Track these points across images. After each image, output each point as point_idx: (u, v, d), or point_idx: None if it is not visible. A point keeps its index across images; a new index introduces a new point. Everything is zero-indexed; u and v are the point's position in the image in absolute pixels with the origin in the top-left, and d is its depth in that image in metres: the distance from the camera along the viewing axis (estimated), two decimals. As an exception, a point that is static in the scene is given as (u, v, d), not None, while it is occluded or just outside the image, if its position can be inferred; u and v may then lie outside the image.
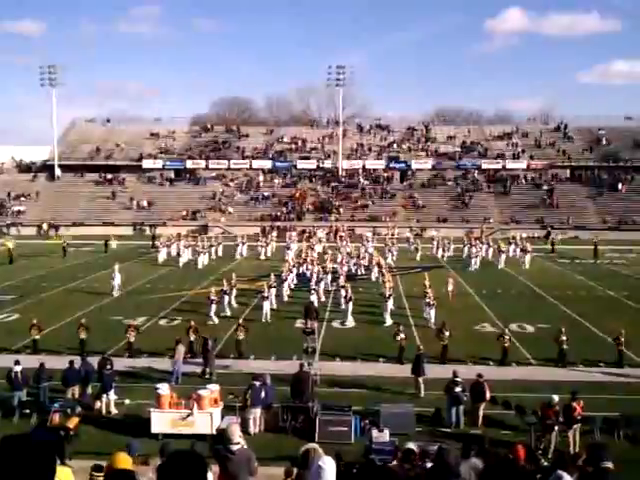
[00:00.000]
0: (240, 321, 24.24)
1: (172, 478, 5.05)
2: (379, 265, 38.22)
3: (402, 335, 22.49)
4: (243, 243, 50.00)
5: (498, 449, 13.75)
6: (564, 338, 22.01)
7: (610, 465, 6.33)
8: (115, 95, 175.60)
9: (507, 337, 22.49)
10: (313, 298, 30.33)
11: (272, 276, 32.87)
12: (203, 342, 21.35)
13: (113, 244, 53.12)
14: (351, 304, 28.73)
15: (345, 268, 37.02)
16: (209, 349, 21.08)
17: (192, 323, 23.90)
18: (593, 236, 53.61)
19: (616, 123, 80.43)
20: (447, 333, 22.58)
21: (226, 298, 29.88)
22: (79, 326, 23.80)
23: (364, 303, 31.31)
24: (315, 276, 34.06)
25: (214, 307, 28.32)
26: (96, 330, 24.48)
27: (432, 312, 27.37)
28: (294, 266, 37.90)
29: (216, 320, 28.03)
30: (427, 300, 28.13)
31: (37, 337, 23.68)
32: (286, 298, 32.64)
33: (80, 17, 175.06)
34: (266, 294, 29.33)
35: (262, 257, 48.32)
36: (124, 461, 6.36)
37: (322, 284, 33.81)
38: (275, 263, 42.23)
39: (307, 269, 37.20)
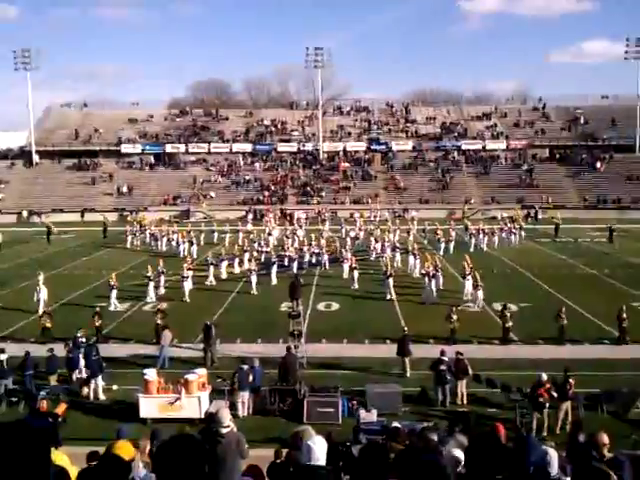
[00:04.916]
0: (159, 306, 24.42)
1: (170, 461, 5.10)
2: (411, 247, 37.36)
3: (455, 317, 22.75)
4: (212, 231, 48.71)
5: (484, 427, 14.01)
6: (563, 316, 22.57)
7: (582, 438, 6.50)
8: (91, 79, 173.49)
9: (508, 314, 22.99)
10: (254, 279, 31.22)
11: (188, 258, 34.71)
12: (204, 328, 21.16)
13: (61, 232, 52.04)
14: (391, 280, 29.55)
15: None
16: (211, 335, 20.93)
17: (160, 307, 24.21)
18: (551, 215, 55.70)
19: (593, 102, 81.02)
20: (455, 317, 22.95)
21: (151, 284, 30.02)
22: (43, 314, 24.15)
23: (345, 284, 31.69)
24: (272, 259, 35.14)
25: (115, 292, 28.45)
26: (81, 316, 24.44)
27: (480, 293, 27.53)
28: (245, 250, 37.72)
29: (118, 306, 28.24)
30: (473, 282, 28.29)
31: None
32: (213, 281, 33.39)
33: (53, 1, 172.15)
34: (185, 274, 30.39)
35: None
36: (125, 450, 6.33)
37: (274, 267, 33.88)
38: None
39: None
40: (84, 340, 20.32)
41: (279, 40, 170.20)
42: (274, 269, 33.69)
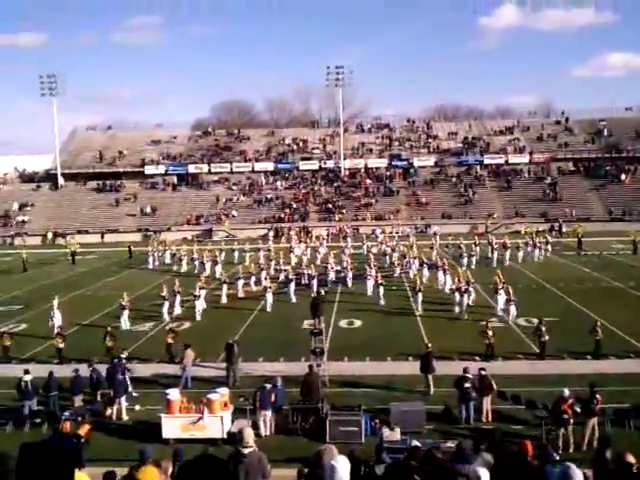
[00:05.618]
0: (171, 325, 24.52)
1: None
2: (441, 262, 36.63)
3: (490, 332, 22.50)
4: (233, 250, 48.44)
5: (509, 444, 13.76)
6: (599, 330, 22.22)
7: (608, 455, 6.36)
8: (115, 102, 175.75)
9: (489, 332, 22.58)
10: (269, 297, 31.10)
11: (202, 277, 34.40)
12: (227, 347, 21.10)
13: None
14: (420, 295, 29.88)
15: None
16: (234, 354, 20.86)
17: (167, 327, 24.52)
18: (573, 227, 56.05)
19: (616, 114, 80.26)
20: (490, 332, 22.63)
21: (166, 304, 29.90)
22: (56, 336, 24.41)
23: (368, 301, 31.55)
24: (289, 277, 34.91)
25: (126, 312, 28.39)
26: (100, 338, 24.55)
27: (512, 308, 27.27)
28: (262, 269, 37.56)
29: (128, 326, 28.21)
30: (506, 297, 27.95)
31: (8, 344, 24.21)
32: (224, 299, 33.24)
33: (79, 27, 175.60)
34: (197, 293, 30.45)
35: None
36: (150, 475, 6.25)
37: (292, 285, 33.62)
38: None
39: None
40: (125, 361, 20.42)
41: (299, 58, 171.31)
42: (292, 287, 33.65)
